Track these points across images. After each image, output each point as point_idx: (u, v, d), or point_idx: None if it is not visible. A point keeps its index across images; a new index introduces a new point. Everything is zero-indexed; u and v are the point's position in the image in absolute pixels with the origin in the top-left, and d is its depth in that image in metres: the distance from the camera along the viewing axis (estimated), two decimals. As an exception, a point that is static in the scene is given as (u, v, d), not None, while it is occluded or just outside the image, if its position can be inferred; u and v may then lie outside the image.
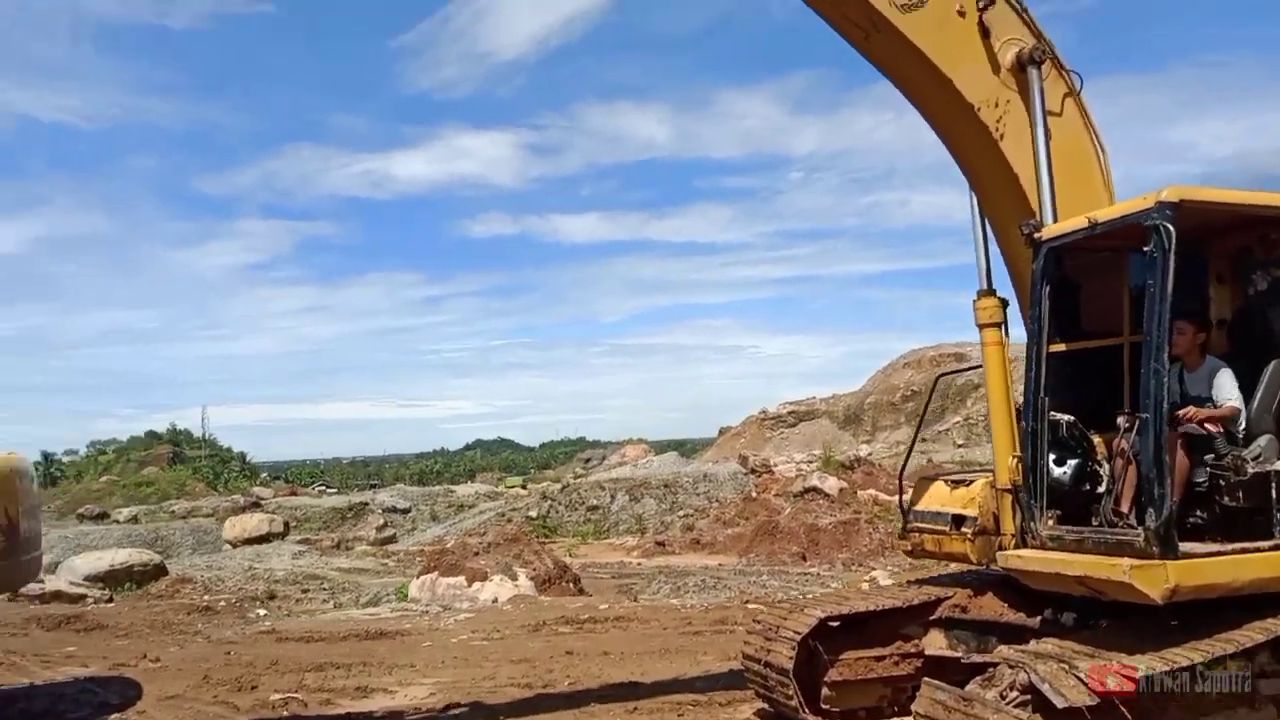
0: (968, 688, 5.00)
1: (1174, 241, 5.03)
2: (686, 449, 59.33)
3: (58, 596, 16.92)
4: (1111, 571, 5.01)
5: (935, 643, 6.61)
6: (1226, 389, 5.59)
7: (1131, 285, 6.08)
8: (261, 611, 13.80)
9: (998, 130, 6.20)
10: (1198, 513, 5.44)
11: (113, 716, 7.49)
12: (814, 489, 25.56)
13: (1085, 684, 4.61)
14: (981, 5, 6.15)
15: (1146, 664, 4.73)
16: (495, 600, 13.43)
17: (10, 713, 7.72)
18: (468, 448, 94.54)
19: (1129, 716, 4.69)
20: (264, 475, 63.26)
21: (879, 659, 6.72)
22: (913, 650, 6.73)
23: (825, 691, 6.64)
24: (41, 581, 18.13)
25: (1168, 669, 4.73)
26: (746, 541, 23.04)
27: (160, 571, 20.42)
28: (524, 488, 43.09)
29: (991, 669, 5.04)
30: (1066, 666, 4.78)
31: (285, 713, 7.55)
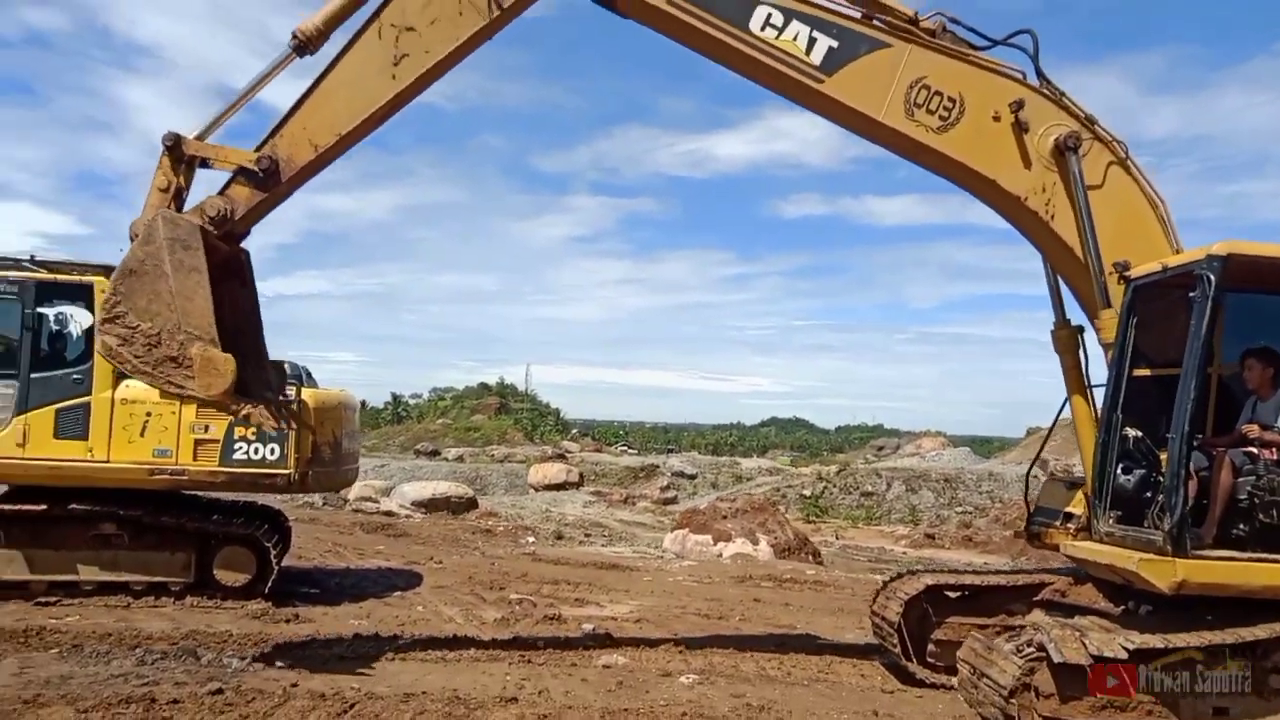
0: (996, 641, 6.32)
1: (1215, 288, 5.96)
2: (988, 447, 57.65)
3: (389, 515, 21.18)
4: (1127, 562, 6.11)
5: (1034, 620, 7.74)
6: (1281, 419, 6.34)
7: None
8: (530, 539, 16.91)
9: (1047, 213, 7.18)
10: (1241, 526, 6.25)
11: (396, 593, 10.46)
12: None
13: (1086, 649, 5.80)
14: (1014, 107, 7.08)
15: (1140, 640, 5.83)
16: (720, 555, 15.46)
17: (330, 584, 10.91)
18: (763, 424, 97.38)
19: (1129, 681, 5.83)
20: (575, 431, 69.29)
21: (982, 627, 7.94)
22: (1015, 624, 7.88)
23: (930, 647, 8.02)
24: (377, 501, 22.74)
25: (1158, 646, 5.77)
26: (1023, 544, 23.06)
27: (472, 504, 24.36)
28: (794, 465, 44.56)
29: (1023, 630, 6.31)
30: (1078, 634, 5.98)
31: (518, 607, 10.10)
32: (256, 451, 9.32)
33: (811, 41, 7.17)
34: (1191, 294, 6.15)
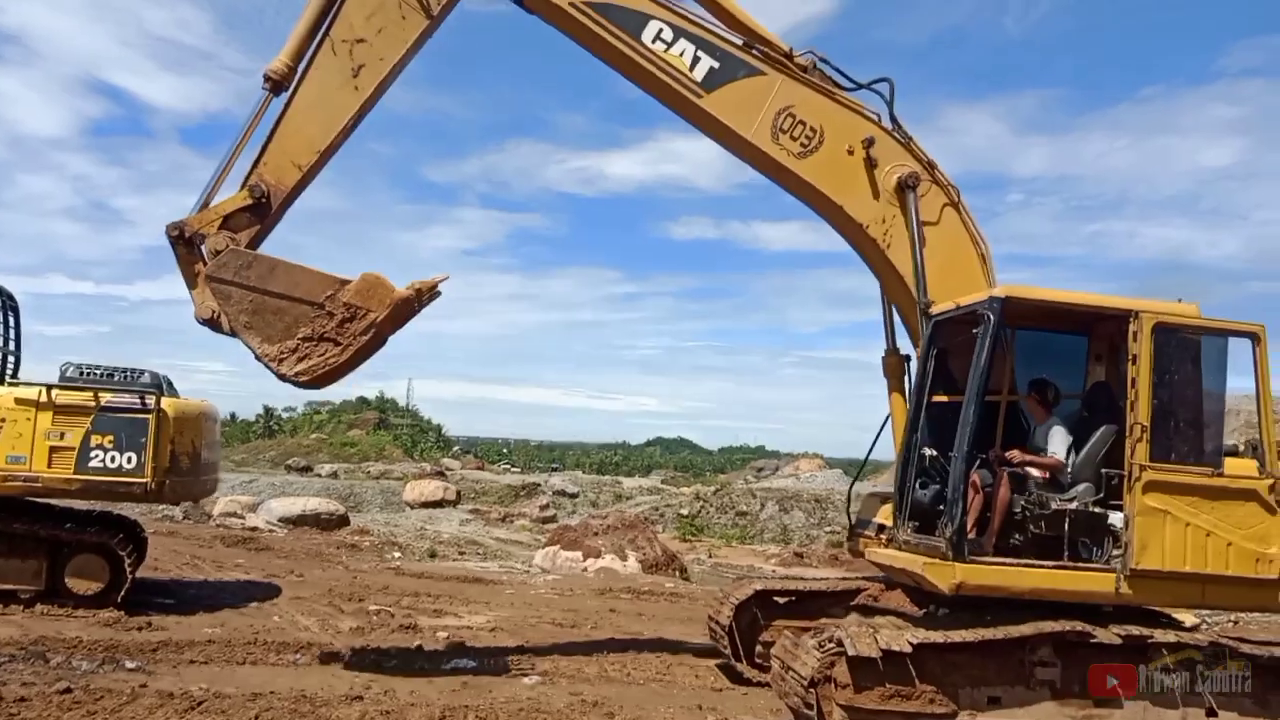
0: (803, 639, 7.10)
1: (995, 325, 6.91)
2: (866, 470, 59.59)
3: (253, 530, 21.01)
4: (916, 566, 7.00)
5: (850, 622, 8.60)
6: (1054, 444, 7.40)
7: (1008, 355, 7.90)
8: (396, 554, 17.17)
9: (884, 242, 8.22)
10: (1016, 536, 7.21)
11: (252, 604, 10.70)
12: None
13: (877, 644, 6.61)
14: (866, 144, 8.10)
15: (924, 636, 6.68)
16: (585, 570, 16.05)
17: (186, 595, 11.07)
18: (648, 444, 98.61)
19: (913, 672, 6.66)
20: (456, 448, 68.76)
21: (805, 629, 8.74)
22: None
23: (759, 649, 8.79)
24: (242, 517, 22.51)
25: (935, 641, 6.63)
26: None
27: (343, 522, 24.21)
28: (675, 485, 45.52)
29: (825, 629, 7.11)
30: (872, 631, 6.80)
31: (375, 617, 10.48)
32: (113, 459, 9.51)
33: (696, 59, 8.12)
34: (975, 330, 7.10)
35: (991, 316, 6.97)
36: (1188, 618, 12.93)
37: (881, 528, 8.50)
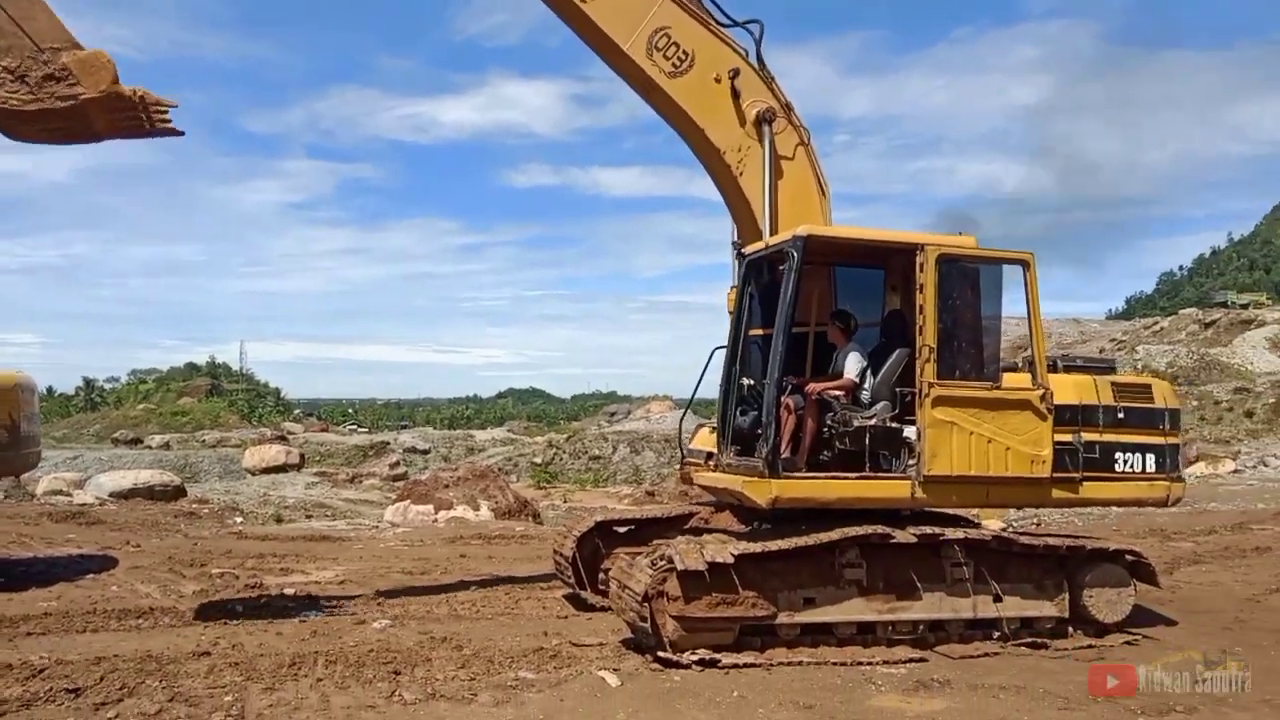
0: (636, 559, 7.70)
1: (800, 263, 7.57)
2: (712, 409, 61.48)
3: (84, 506, 20.26)
4: (734, 485, 7.70)
5: (679, 541, 9.28)
6: (848, 368, 8.23)
7: (815, 290, 8.66)
8: (239, 518, 17.03)
9: (738, 169, 8.85)
10: (824, 452, 7.99)
11: (89, 576, 10.58)
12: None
13: (704, 557, 7.24)
14: (731, 74, 8.70)
15: (743, 547, 7.37)
16: (436, 521, 16.37)
17: (15, 572, 10.82)
18: (500, 396, 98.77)
19: (736, 581, 7.34)
20: (297, 412, 67.04)
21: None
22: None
23: (601, 576, 9.37)
24: (69, 495, 21.64)
25: (754, 551, 7.33)
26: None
27: (180, 493, 23.49)
28: (528, 434, 46.10)
29: (656, 548, 7.73)
30: (699, 546, 7.45)
31: (219, 580, 10.55)
32: (-77, 437, 9.20)
33: None
34: (781, 266, 7.77)
35: (795, 254, 7.65)
36: (994, 523, 14.38)
37: (709, 455, 9.20)
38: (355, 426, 60.39)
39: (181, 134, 7.44)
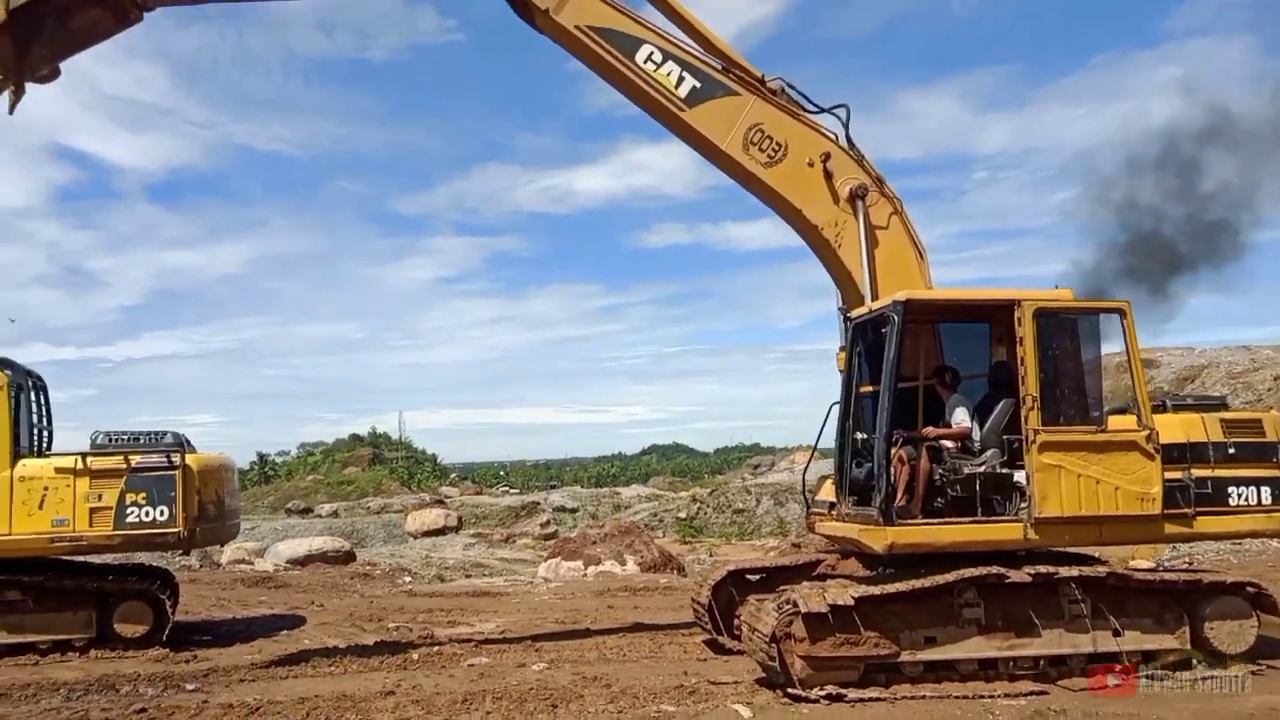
0: (764, 604, 8.47)
1: (901, 325, 8.30)
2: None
3: (268, 574, 22.22)
4: (852, 533, 8.40)
5: (804, 586, 9.96)
6: (959, 416, 8.81)
7: (922, 346, 9.32)
8: (407, 578, 18.51)
9: (836, 242, 9.67)
10: (937, 500, 8.60)
11: (283, 632, 12.03)
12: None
13: (825, 600, 7.96)
14: (823, 158, 9.56)
15: (864, 590, 8.05)
16: (585, 576, 17.41)
17: (220, 630, 12.38)
18: (644, 452, 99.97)
19: (859, 622, 8.01)
20: (453, 475, 69.67)
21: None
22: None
23: (736, 622, 10.14)
24: (251, 563, 23.77)
25: (873, 594, 8.00)
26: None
27: (350, 557, 25.34)
28: (672, 489, 46.81)
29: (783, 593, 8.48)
30: (821, 590, 8.17)
31: (395, 632, 11.81)
32: (147, 514, 10.82)
33: (681, 79, 9.83)
34: (883, 329, 8.50)
35: (895, 317, 8.38)
36: (1143, 562, 14.38)
37: (831, 505, 9.90)
38: (507, 488, 62.45)
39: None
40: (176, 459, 11.05)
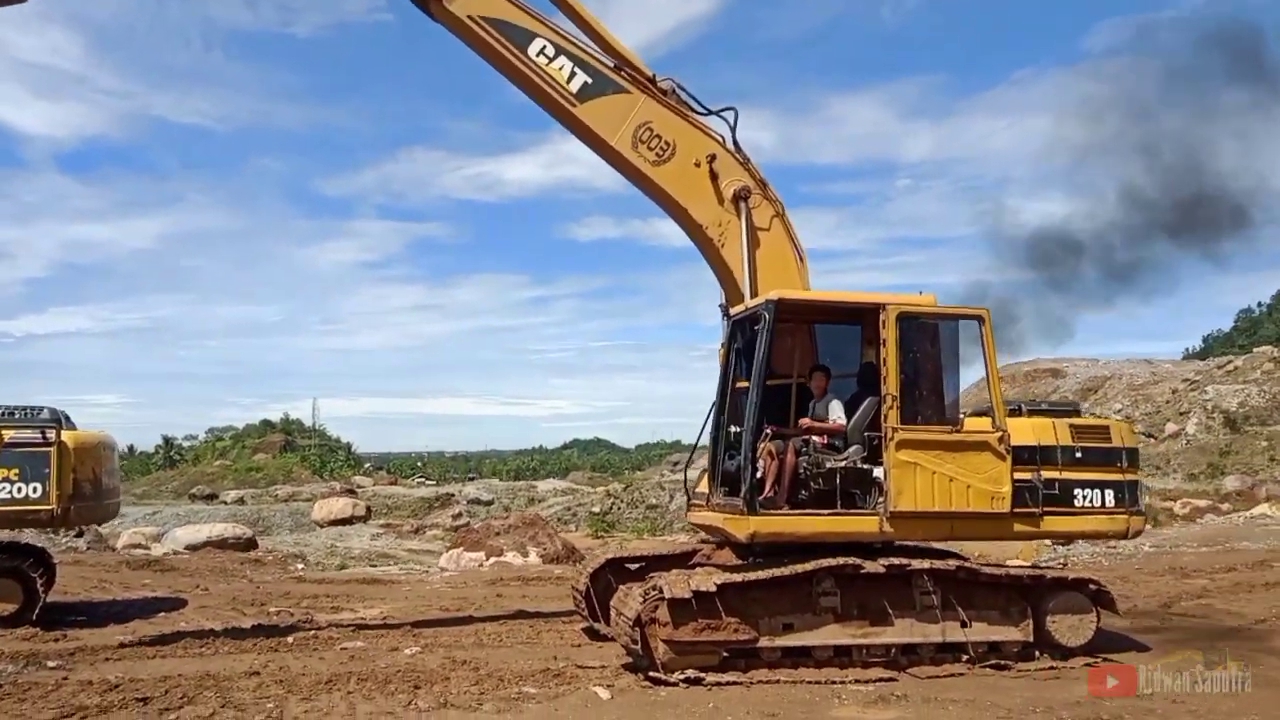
0: (632, 590, 8.72)
1: (772, 323, 8.62)
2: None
3: (158, 558, 21.83)
4: (719, 522, 8.71)
5: (671, 573, 10.21)
6: (834, 413, 9.20)
7: (797, 345, 9.68)
8: (300, 565, 18.40)
9: (720, 241, 9.99)
10: (801, 492, 8.94)
11: (160, 614, 11.96)
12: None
13: (689, 587, 8.23)
14: (709, 159, 9.85)
15: (725, 578, 8.35)
16: (481, 566, 17.51)
17: (96, 612, 12.23)
18: (565, 447, 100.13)
19: (721, 609, 8.30)
20: (368, 465, 68.93)
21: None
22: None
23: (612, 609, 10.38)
24: (148, 548, 23.33)
25: (735, 581, 8.30)
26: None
27: (251, 545, 24.93)
28: (590, 484, 47.04)
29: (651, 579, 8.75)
30: (687, 577, 8.45)
31: (276, 617, 11.80)
32: (19, 490, 10.66)
33: (572, 74, 10.01)
34: (756, 327, 8.82)
35: (768, 316, 8.70)
36: (1020, 561, 14.99)
37: (706, 496, 10.21)
38: (423, 479, 62.03)
39: None
40: (52, 435, 10.91)
